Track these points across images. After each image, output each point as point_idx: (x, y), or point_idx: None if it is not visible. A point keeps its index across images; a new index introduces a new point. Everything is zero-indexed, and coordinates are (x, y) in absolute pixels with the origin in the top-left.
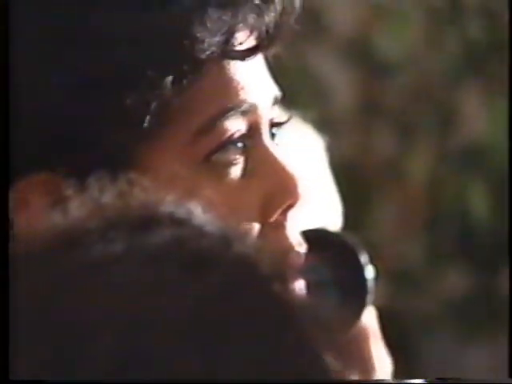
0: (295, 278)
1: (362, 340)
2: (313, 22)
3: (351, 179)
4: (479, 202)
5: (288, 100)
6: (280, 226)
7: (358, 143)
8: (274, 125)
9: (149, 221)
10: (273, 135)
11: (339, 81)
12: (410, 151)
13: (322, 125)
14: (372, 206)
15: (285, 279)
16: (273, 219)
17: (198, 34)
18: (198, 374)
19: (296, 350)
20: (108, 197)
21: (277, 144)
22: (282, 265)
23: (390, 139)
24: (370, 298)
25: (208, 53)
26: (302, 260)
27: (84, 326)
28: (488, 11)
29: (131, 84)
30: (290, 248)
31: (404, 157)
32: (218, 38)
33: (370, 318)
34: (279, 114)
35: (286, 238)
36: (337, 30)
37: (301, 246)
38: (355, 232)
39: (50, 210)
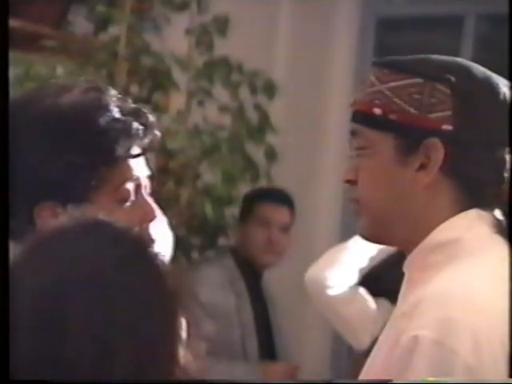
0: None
1: None
2: None
3: None
4: None
5: None
6: (146, 228)
7: None
8: (146, 187)
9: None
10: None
11: None
12: None
13: None
14: None
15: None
16: (144, 226)
17: (116, 147)
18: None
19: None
20: (76, 213)
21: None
22: (148, 240)
23: None
24: None
25: (119, 154)
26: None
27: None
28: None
29: (89, 168)
30: (152, 238)
31: None
32: (124, 149)
33: None
34: (149, 182)
35: (150, 233)
36: None
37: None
38: None
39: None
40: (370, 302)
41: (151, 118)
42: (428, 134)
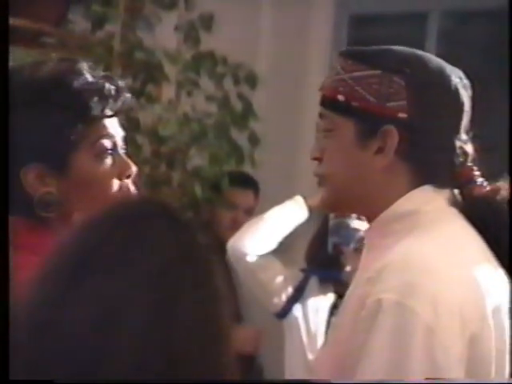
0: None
1: None
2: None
3: None
4: None
5: None
6: (127, 183)
7: None
8: (121, 146)
9: None
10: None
11: None
12: None
13: None
14: None
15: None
16: (124, 181)
17: (91, 106)
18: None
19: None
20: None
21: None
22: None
23: None
24: None
25: (94, 114)
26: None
27: None
28: None
29: (70, 124)
30: (133, 192)
31: None
32: (98, 108)
33: None
34: (123, 141)
35: (130, 188)
36: None
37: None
38: None
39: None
40: (282, 269)
41: (121, 83)
42: (385, 121)
